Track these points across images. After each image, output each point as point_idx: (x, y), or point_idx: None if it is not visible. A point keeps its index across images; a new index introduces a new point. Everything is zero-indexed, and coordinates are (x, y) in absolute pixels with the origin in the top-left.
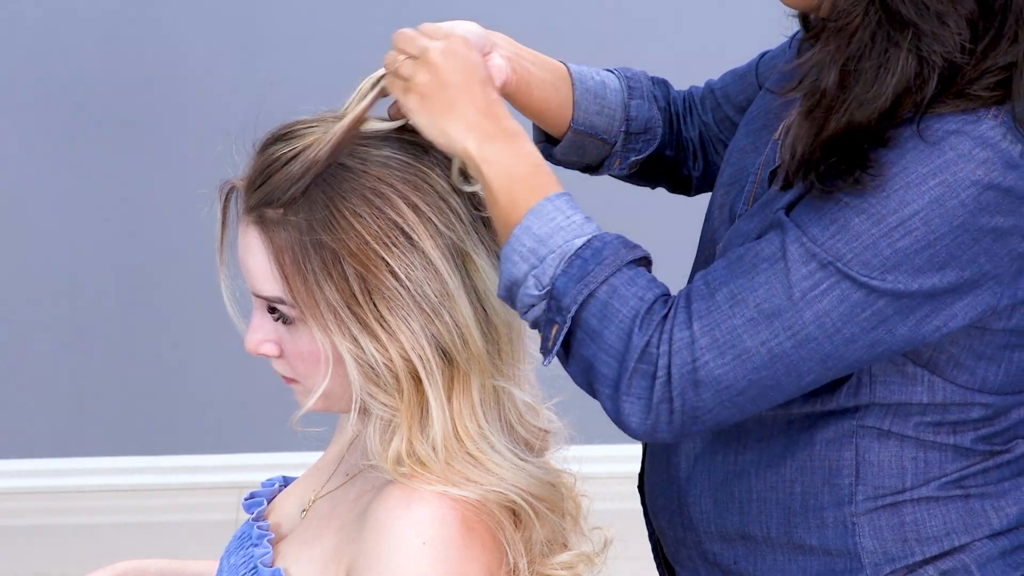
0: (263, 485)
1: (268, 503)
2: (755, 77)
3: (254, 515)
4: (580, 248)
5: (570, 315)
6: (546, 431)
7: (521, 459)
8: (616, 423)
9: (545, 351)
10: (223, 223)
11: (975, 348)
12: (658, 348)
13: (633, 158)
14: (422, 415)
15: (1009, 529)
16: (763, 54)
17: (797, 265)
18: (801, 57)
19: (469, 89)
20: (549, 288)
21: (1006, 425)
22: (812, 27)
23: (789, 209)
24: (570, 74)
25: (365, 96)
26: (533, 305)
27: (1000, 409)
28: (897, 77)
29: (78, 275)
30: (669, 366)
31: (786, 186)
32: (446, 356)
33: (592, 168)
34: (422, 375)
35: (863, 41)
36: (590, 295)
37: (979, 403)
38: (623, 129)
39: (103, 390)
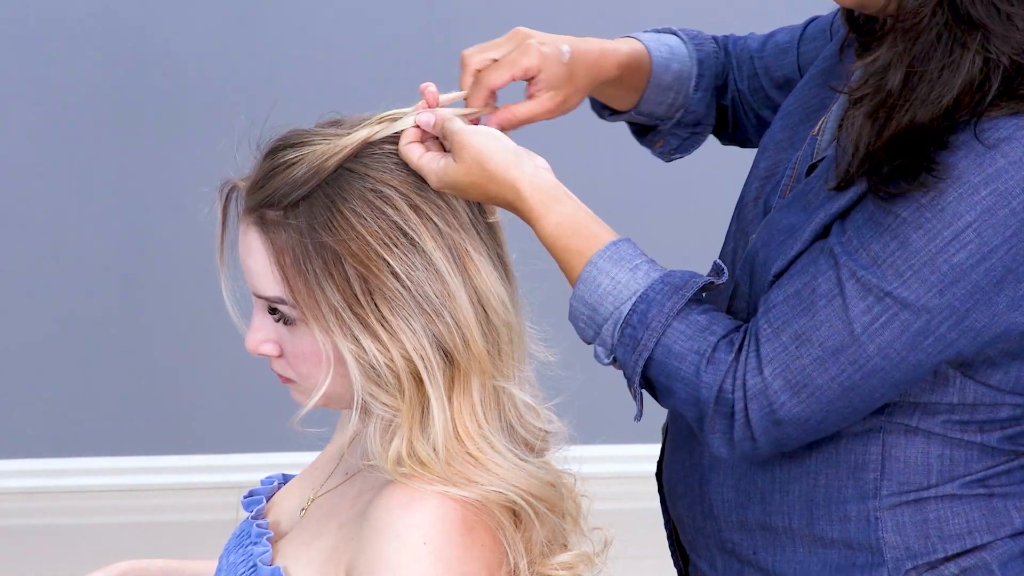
0: (262, 483)
1: (267, 501)
2: (796, 56)
3: (253, 513)
4: (628, 315)
5: (637, 380)
6: (546, 431)
7: (521, 459)
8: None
9: (637, 410)
10: (223, 223)
11: (1010, 349)
12: (732, 394)
13: (673, 147)
14: (423, 415)
15: None
16: (804, 28)
17: (855, 300)
18: (864, 58)
19: (494, 179)
20: (614, 356)
21: None
22: (864, 29)
23: (843, 214)
24: (651, 63)
25: (378, 123)
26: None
27: None
28: (963, 79)
29: (77, 276)
30: (747, 411)
31: (843, 185)
32: (447, 356)
33: (638, 132)
34: (423, 375)
35: (929, 42)
36: (648, 359)
37: (1008, 403)
38: (678, 116)
39: (102, 390)
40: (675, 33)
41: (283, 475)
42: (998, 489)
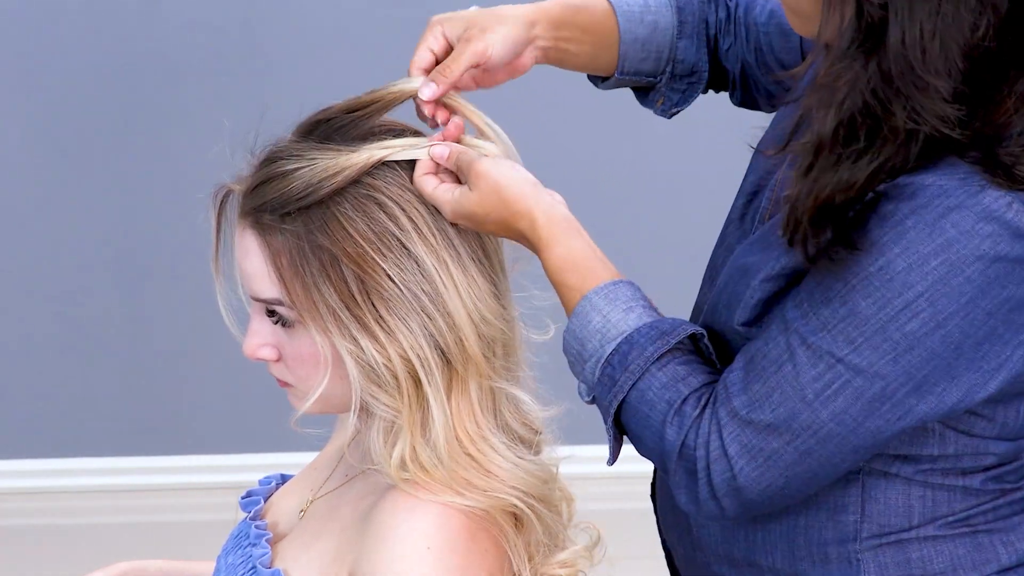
0: (260, 483)
1: (265, 501)
2: (799, 39)
3: (251, 514)
4: (610, 355)
5: (611, 421)
6: (542, 431)
7: (519, 457)
8: None
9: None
10: (218, 230)
11: (992, 396)
12: (695, 451)
13: (674, 104)
14: (423, 416)
15: (1019, 564)
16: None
17: (806, 367)
18: (785, 109)
19: (507, 219)
20: (593, 396)
21: (1019, 464)
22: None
23: (796, 274)
24: (618, 26)
25: (382, 145)
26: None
27: (1014, 451)
28: (891, 146)
29: (76, 275)
30: (708, 471)
31: (789, 243)
32: (444, 357)
33: (641, 93)
34: (421, 375)
35: (855, 103)
36: (622, 403)
37: (992, 452)
38: (668, 69)
39: (101, 390)
40: None
41: (281, 475)
42: (982, 526)
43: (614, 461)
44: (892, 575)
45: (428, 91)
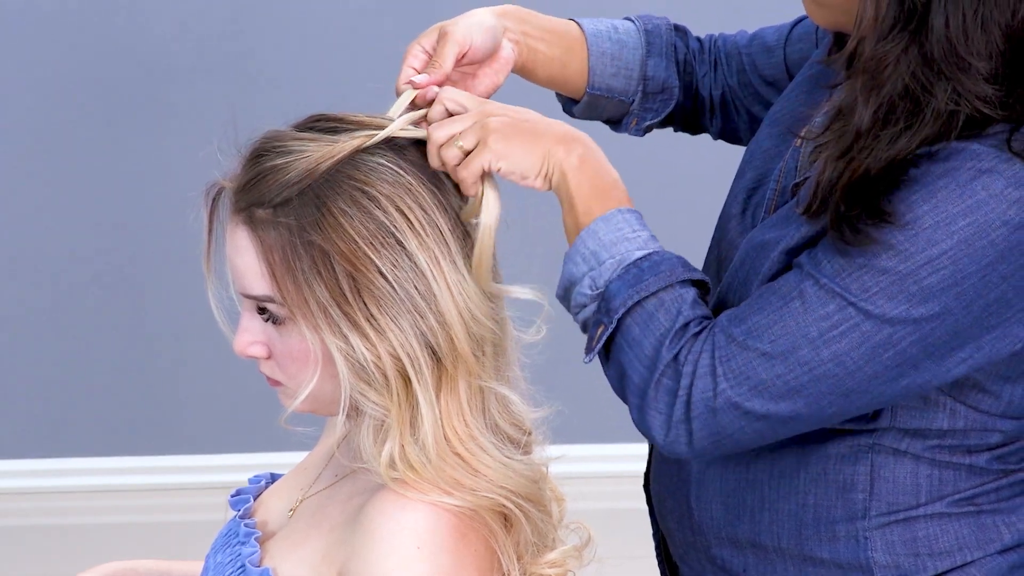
0: (250, 482)
1: (255, 500)
2: (783, 56)
3: (240, 512)
4: (639, 259)
5: (616, 316)
6: (531, 431)
7: (507, 457)
8: (641, 432)
9: (588, 350)
10: (210, 228)
11: (1001, 371)
12: (683, 367)
13: (648, 121)
14: (412, 415)
15: (1019, 544)
16: (792, 28)
17: (815, 305)
18: (833, 96)
19: (543, 118)
20: (602, 290)
21: (1021, 445)
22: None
23: (816, 240)
24: (585, 38)
25: (370, 131)
26: (585, 305)
27: (1018, 431)
28: (930, 126)
29: (68, 276)
30: (691, 388)
31: (812, 216)
32: (434, 355)
33: (613, 123)
34: (411, 373)
35: (896, 87)
36: (638, 303)
37: (999, 429)
38: (640, 88)
39: (92, 390)
40: (628, 19)
41: (271, 474)
42: (987, 506)
43: (591, 359)
44: (899, 553)
45: (422, 79)
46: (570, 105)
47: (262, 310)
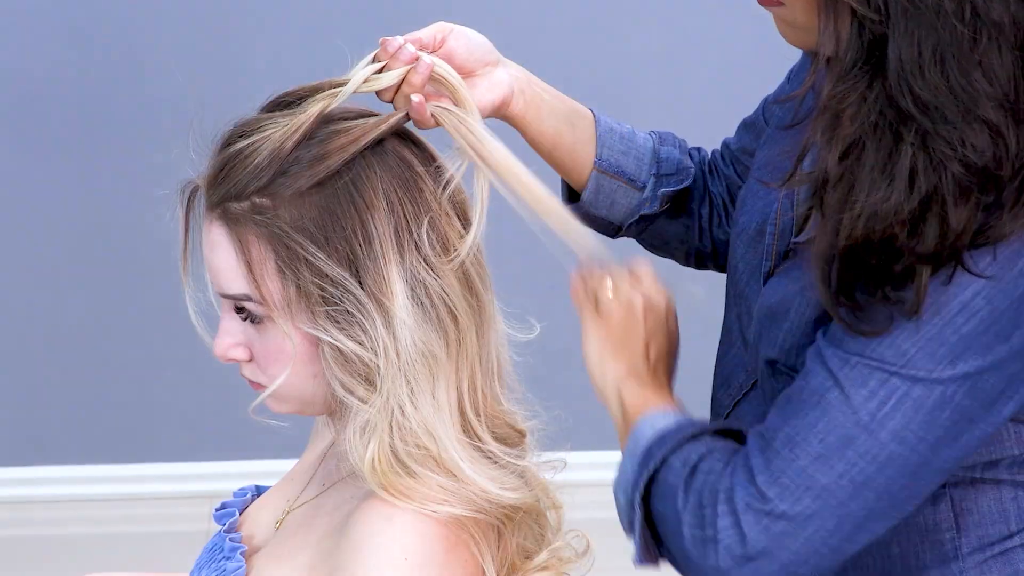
0: (235, 495)
1: (240, 513)
2: (763, 121)
3: (226, 526)
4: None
5: (637, 504)
6: (525, 434)
7: (497, 464)
8: None
9: (636, 556)
10: (186, 229)
11: None
12: (715, 509)
13: (664, 189)
14: (397, 415)
15: None
16: (766, 99)
17: (855, 387)
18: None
19: (647, 344)
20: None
21: None
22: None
23: (828, 317)
24: (594, 113)
25: (327, 95)
26: (632, 521)
27: None
28: (904, 179)
29: (45, 283)
30: (740, 524)
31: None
32: (419, 355)
33: (616, 228)
34: (393, 371)
35: (862, 128)
36: (651, 478)
37: None
38: (653, 172)
39: (74, 397)
40: None
41: (256, 487)
42: None
43: (642, 565)
44: None
45: (394, 40)
46: (573, 196)
47: (240, 309)
